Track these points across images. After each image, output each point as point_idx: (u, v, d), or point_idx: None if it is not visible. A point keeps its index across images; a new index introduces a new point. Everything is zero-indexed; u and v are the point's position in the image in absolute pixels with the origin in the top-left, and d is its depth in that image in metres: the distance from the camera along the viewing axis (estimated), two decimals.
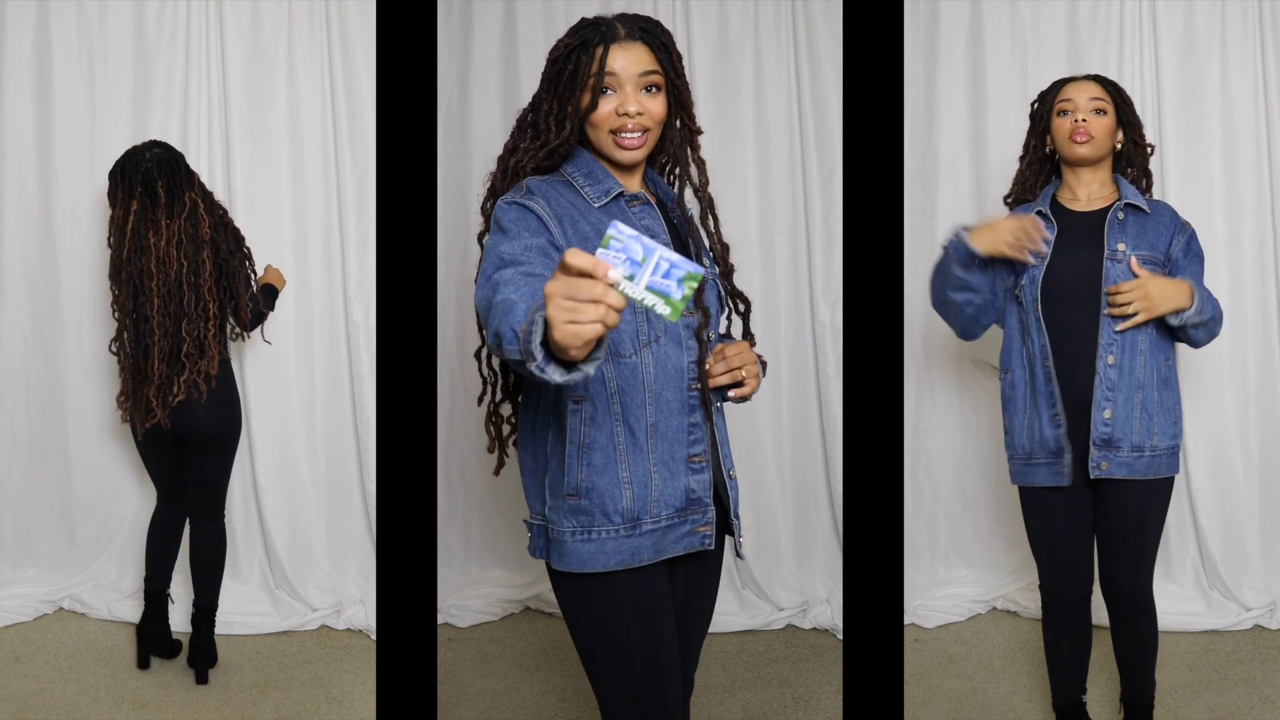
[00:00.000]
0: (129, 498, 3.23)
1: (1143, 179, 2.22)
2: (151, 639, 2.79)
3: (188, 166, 2.64)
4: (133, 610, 3.07)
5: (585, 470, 1.53)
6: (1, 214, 3.13)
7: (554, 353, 1.17)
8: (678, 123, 1.65)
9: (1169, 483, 2.15)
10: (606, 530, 1.54)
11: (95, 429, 3.19)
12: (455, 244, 3.15)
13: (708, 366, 1.59)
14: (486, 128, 3.20)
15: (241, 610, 3.00)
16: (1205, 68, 3.06)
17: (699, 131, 1.68)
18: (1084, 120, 2.08)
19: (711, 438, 1.61)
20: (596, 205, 1.57)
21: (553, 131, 1.58)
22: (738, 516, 1.68)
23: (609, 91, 1.56)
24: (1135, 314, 2.02)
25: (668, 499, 1.56)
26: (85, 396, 3.18)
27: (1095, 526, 2.15)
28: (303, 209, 3.14)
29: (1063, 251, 2.09)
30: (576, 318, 1.09)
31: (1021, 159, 2.28)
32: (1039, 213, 2.13)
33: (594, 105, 1.56)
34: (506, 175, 1.63)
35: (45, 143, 3.10)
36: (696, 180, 1.67)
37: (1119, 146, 2.16)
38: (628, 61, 1.55)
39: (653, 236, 1.56)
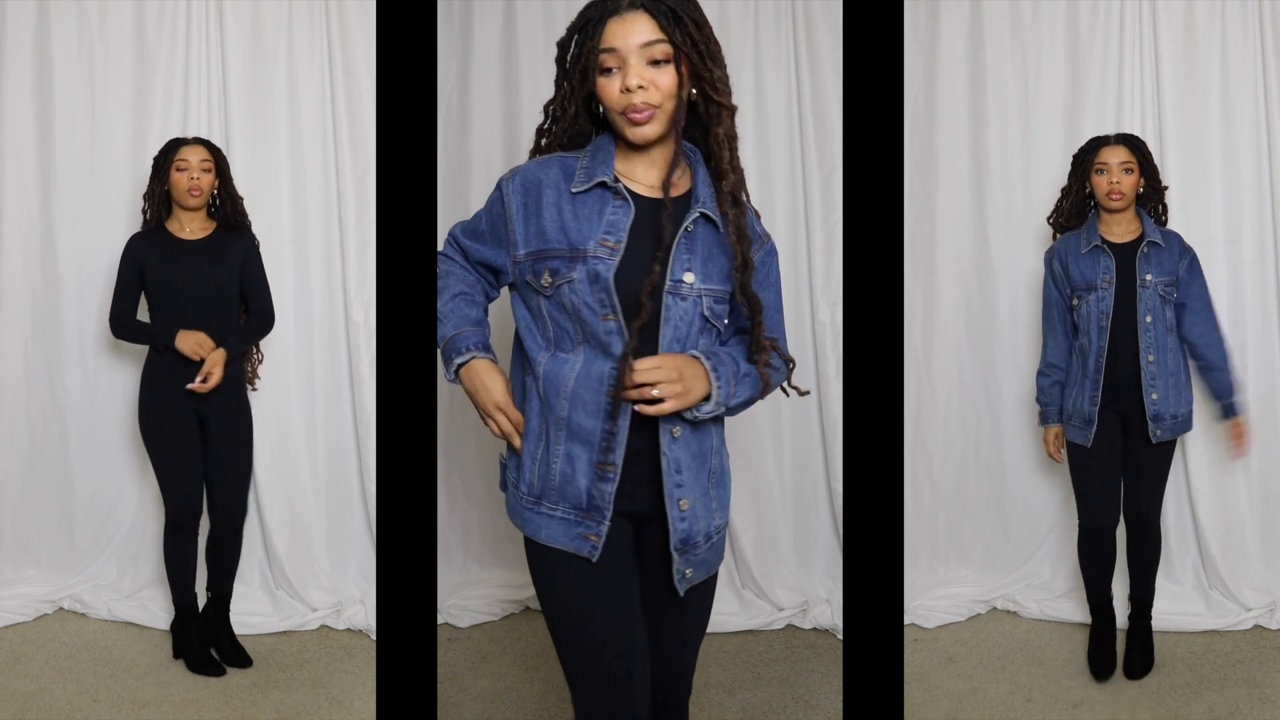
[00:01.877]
0: (129, 498, 3.23)
1: (1159, 207, 2.77)
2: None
3: (165, 166, 2.72)
4: (132, 610, 3.08)
5: (524, 434, 1.61)
6: (1, 214, 3.13)
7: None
8: (692, 94, 1.53)
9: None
10: (517, 494, 1.62)
11: (95, 429, 3.19)
12: None
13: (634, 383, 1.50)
14: (486, 128, 3.20)
15: (241, 610, 2.99)
16: (1205, 68, 3.07)
17: (727, 107, 1.56)
18: (1117, 181, 2.64)
19: (653, 460, 1.56)
20: (573, 191, 1.55)
21: (565, 116, 1.58)
22: (678, 550, 1.58)
23: (612, 70, 1.50)
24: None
25: (566, 494, 1.56)
26: (85, 397, 3.18)
27: (1127, 471, 2.73)
28: (303, 209, 3.14)
29: (1115, 277, 2.68)
30: (490, 423, 1.61)
31: (1065, 195, 2.79)
32: (1096, 246, 2.68)
33: (592, 85, 1.52)
34: (539, 155, 1.65)
35: (45, 143, 3.11)
36: (725, 164, 1.56)
37: (1141, 190, 2.69)
38: (627, 33, 1.49)
39: (608, 232, 1.53)
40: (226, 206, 2.80)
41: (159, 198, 2.74)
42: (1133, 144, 2.67)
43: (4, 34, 3.07)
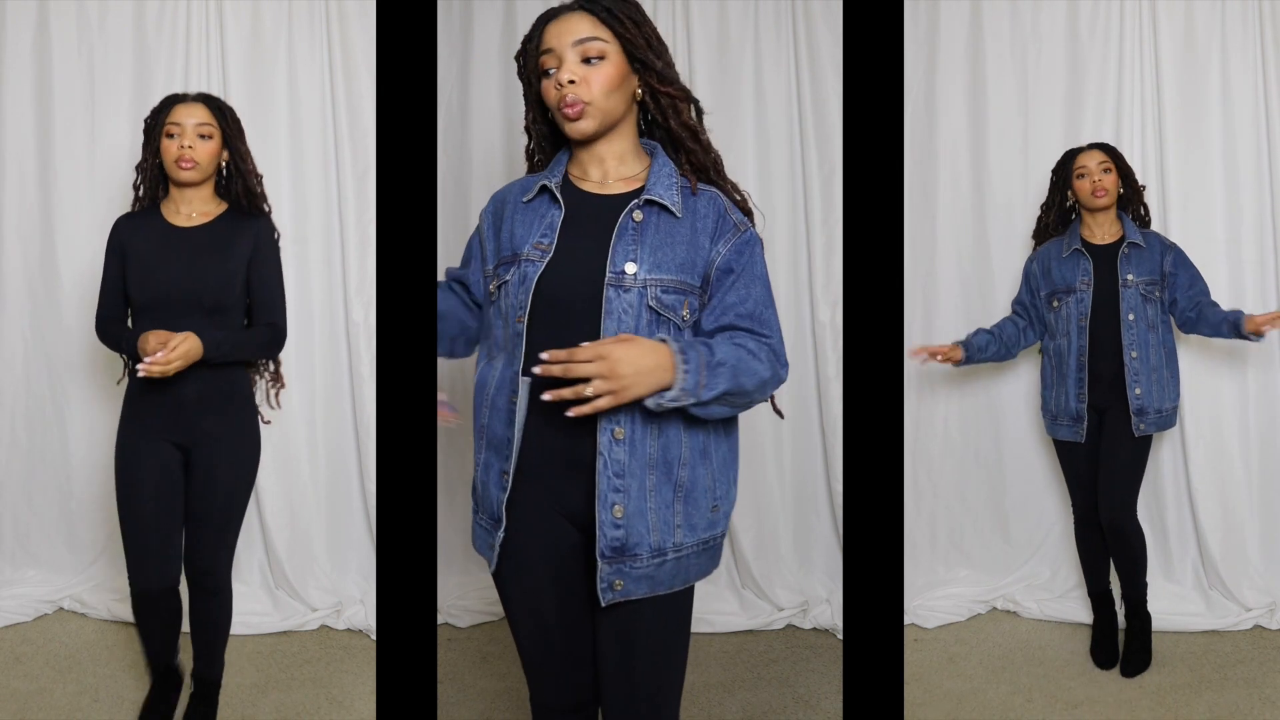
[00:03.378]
0: None
1: (1140, 209, 2.86)
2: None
3: (156, 129, 2.25)
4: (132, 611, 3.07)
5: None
6: (1, 214, 3.13)
7: None
8: (637, 92, 1.57)
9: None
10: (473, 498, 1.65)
11: (95, 429, 3.19)
12: (455, 244, 3.14)
13: (538, 371, 1.40)
14: (486, 128, 3.20)
15: (241, 610, 2.99)
16: (1205, 68, 3.07)
17: (679, 97, 1.59)
18: (1099, 180, 2.75)
19: (594, 461, 1.48)
20: (524, 200, 1.60)
21: (531, 125, 1.66)
22: (606, 557, 1.49)
23: (552, 70, 1.54)
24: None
25: (486, 502, 1.58)
26: (85, 397, 3.18)
27: (1101, 467, 2.78)
28: (303, 209, 3.14)
29: (1093, 279, 2.78)
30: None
31: (1046, 210, 2.91)
32: (1076, 250, 2.80)
33: (538, 89, 1.58)
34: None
35: (45, 143, 3.11)
36: (690, 145, 1.60)
37: (1121, 192, 2.79)
38: (561, 32, 1.53)
39: (544, 235, 1.55)
40: (236, 184, 2.25)
41: (151, 171, 2.23)
42: (1107, 148, 2.79)
43: (4, 34, 3.07)
